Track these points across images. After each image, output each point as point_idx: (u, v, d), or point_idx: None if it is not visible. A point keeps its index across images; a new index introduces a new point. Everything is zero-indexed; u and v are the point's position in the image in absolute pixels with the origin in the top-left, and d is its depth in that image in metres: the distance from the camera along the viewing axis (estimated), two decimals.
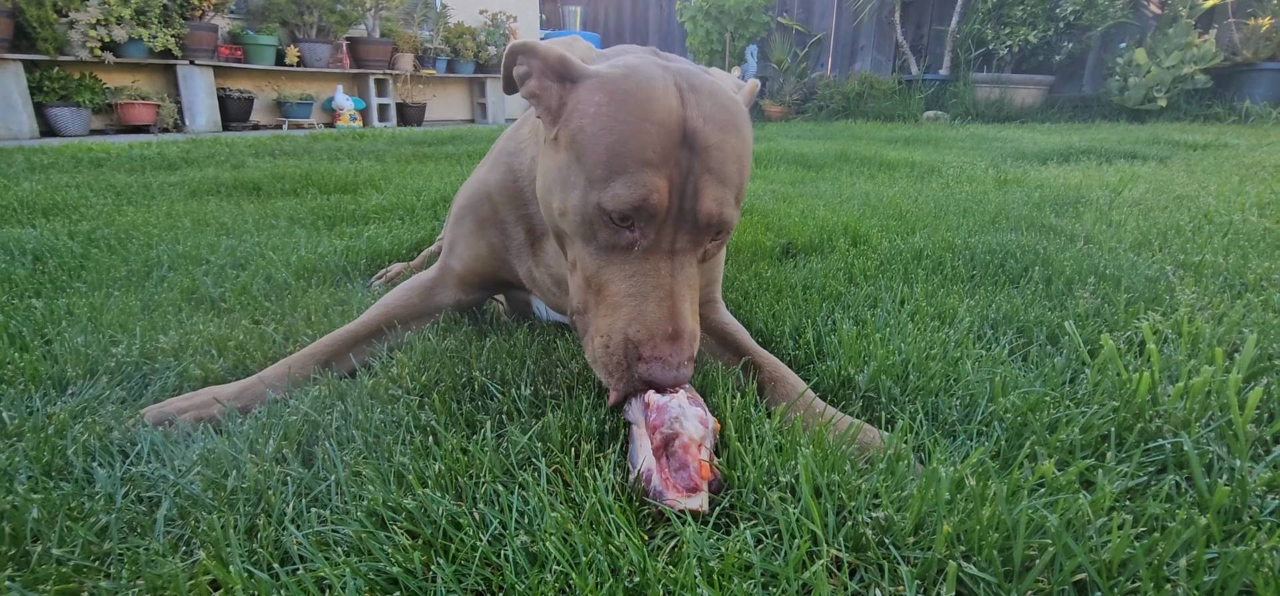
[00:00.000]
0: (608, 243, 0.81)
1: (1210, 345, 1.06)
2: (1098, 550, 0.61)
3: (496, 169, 1.16)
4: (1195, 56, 6.13)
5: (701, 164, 0.79)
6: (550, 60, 0.86)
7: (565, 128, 0.84)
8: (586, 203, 0.80)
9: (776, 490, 0.72)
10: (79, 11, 5.55)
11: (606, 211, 0.78)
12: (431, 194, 2.68)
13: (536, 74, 0.89)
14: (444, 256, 1.25)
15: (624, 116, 0.78)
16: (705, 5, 8.81)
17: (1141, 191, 2.61)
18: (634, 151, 0.77)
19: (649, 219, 0.79)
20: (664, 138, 0.78)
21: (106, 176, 3.11)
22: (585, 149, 0.80)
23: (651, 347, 0.77)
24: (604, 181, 0.78)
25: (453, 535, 0.66)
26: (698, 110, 0.80)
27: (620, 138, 0.78)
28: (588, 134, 0.80)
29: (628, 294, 0.80)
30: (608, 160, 0.78)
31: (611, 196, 0.77)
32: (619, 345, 0.79)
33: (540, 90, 0.89)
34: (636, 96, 0.79)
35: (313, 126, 7.29)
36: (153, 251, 1.76)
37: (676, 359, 0.77)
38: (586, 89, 0.83)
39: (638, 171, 0.77)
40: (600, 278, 0.83)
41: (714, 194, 0.80)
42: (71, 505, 0.73)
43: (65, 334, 1.21)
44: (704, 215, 0.80)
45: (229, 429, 0.89)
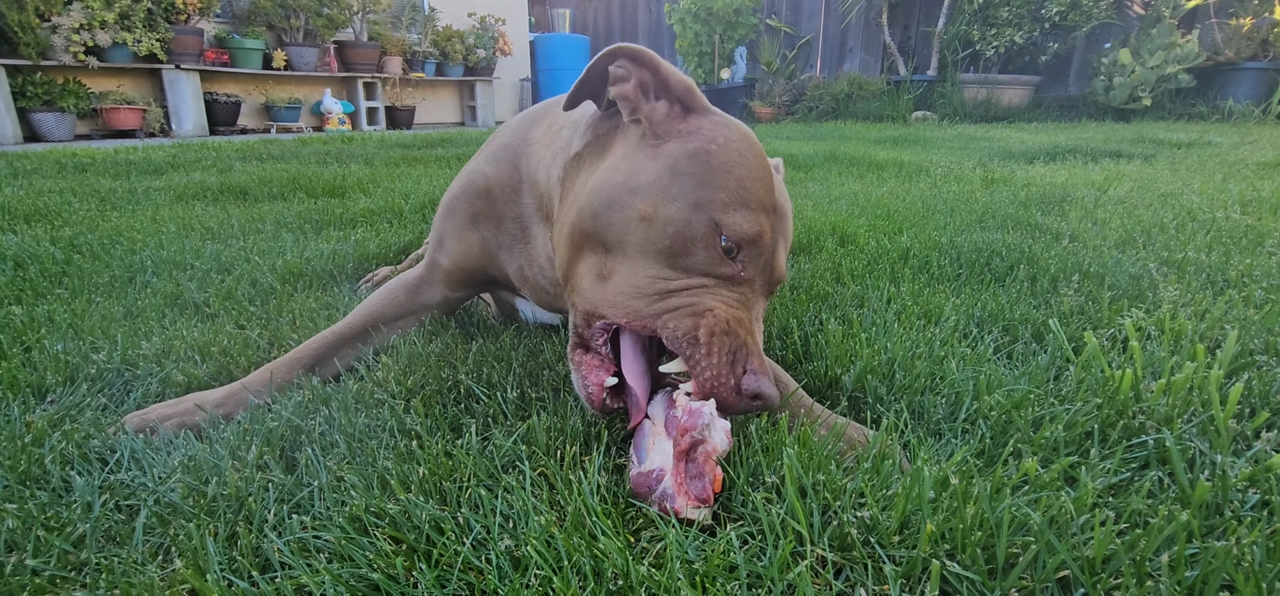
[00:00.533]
0: (702, 265, 0.80)
1: (1192, 342, 1.06)
2: (1080, 547, 0.61)
3: (499, 163, 1.14)
4: (1178, 56, 6.19)
5: (780, 227, 0.89)
6: (671, 81, 0.88)
7: (681, 144, 0.84)
8: (696, 217, 0.79)
9: (762, 491, 0.72)
10: (61, 16, 5.49)
11: (722, 231, 0.79)
12: (420, 197, 2.66)
13: (636, 82, 0.89)
14: (431, 252, 1.22)
15: (751, 160, 0.84)
16: (694, 7, 8.83)
17: (1126, 189, 2.63)
18: (757, 193, 0.83)
19: (756, 255, 0.82)
20: (770, 195, 0.86)
21: (91, 181, 3.08)
22: (711, 171, 0.81)
23: (758, 362, 0.76)
24: (726, 206, 0.80)
25: (436, 540, 0.65)
26: (778, 176, 0.91)
27: (749, 176, 0.83)
28: (717, 160, 0.82)
29: (736, 301, 0.80)
30: (734, 189, 0.81)
31: (733, 222, 0.80)
32: (740, 338, 0.76)
33: (635, 97, 0.89)
34: (759, 151, 0.87)
35: (301, 130, 7.25)
36: (136, 257, 1.75)
37: (768, 379, 0.75)
38: (714, 122, 0.87)
39: (758, 211, 0.82)
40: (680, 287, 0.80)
41: (783, 255, 0.90)
42: (48, 514, 0.71)
43: (45, 341, 1.20)
44: (778, 270, 0.87)
45: (211, 435, 0.88)
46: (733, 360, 0.75)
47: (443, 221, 1.21)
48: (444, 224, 1.20)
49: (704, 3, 8.73)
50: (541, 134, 1.10)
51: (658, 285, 0.79)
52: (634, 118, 0.90)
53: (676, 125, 0.86)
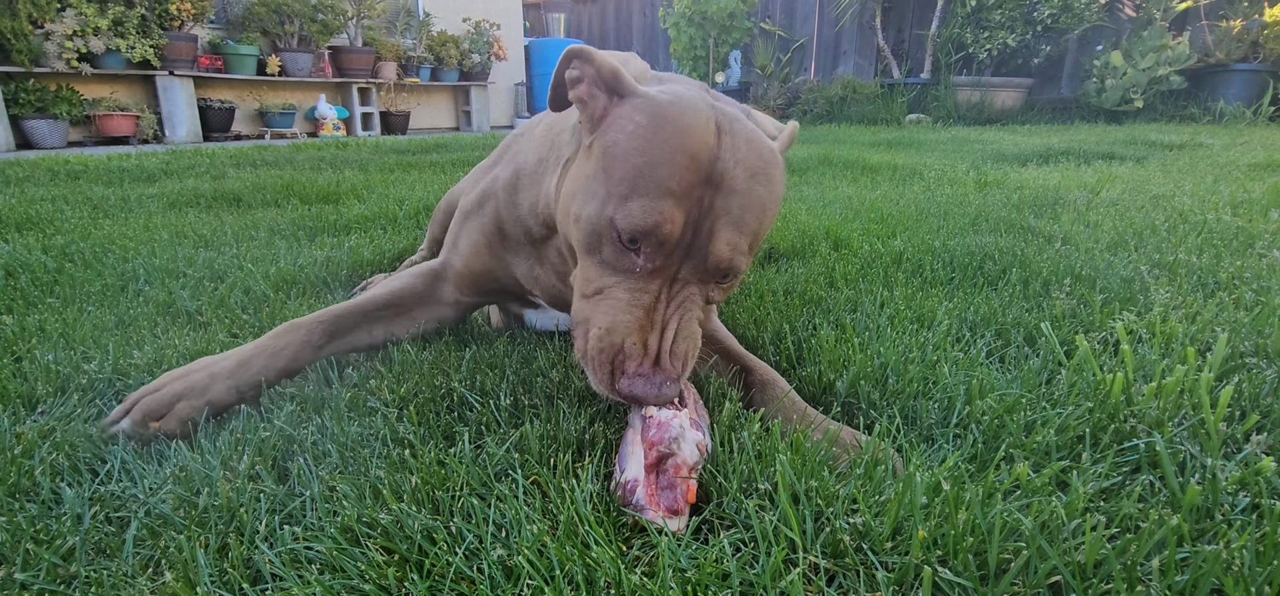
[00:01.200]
0: (612, 259, 0.81)
1: (1183, 344, 1.07)
2: (1072, 552, 0.62)
3: (505, 166, 1.17)
4: (1170, 58, 6.24)
5: (722, 205, 0.80)
6: (603, 71, 0.87)
7: (601, 138, 0.84)
8: (600, 215, 0.80)
9: (755, 498, 0.72)
10: (54, 22, 5.47)
11: (617, 228, 0.78)
12: (414, 202, 2.66)
13: (588, 81, 0.89)
14: (446, 252, 1.23)
15: (657, 141, 0.79)
16: (688, 11, 8.85)
17: (1119, 192, 2.64)
18: (659, 178, 0.77)
19: (656, 247, 0.78)
20: (691, 171, 0.78)
21: (83, 189, 3.06)
22: (614, 163, 0.81)
23: (636, 363, 0.77)
24: (623, 199, 0.78)
25: (428, 550, 0.65)
26: (732, 152, 0.80)
27: (649, 161, 0.78)
28: (619, 149, 0.81)
29: (621, 302, 0.80)
30: (631, 179, 0.78)
31: (625, 215, 0.77)
32: (610, 347, 0.78)
33: (588, 97, 0.89)
34: (675, 124, 0.80)
35: (295, 136, 7.24)
36: (129, 265, 1.74)
37: (659, 378, 0.76)
38: (630, 106, 0.84)
39: (657, 198, 0.77)
40: (599, 284, 0.82)
41: (727, 238, 0.80)
42: (37, 527, 0.71)
43: (36, 351, 1.19)
44: (714, 257, 0.80)
45: (202, 444, 0.88)
46: (612, 367, 0.77)
47: (460, 223, 1.21)
48: (460, 226, 1.21)
49: (699, 7, 8.75)
50: (542, 133, 1.11)
51: (588, 288, 0.83)
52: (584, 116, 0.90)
53: (607, 116, 0.86)
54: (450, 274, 1.21)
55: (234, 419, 0.95)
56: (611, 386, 0.78)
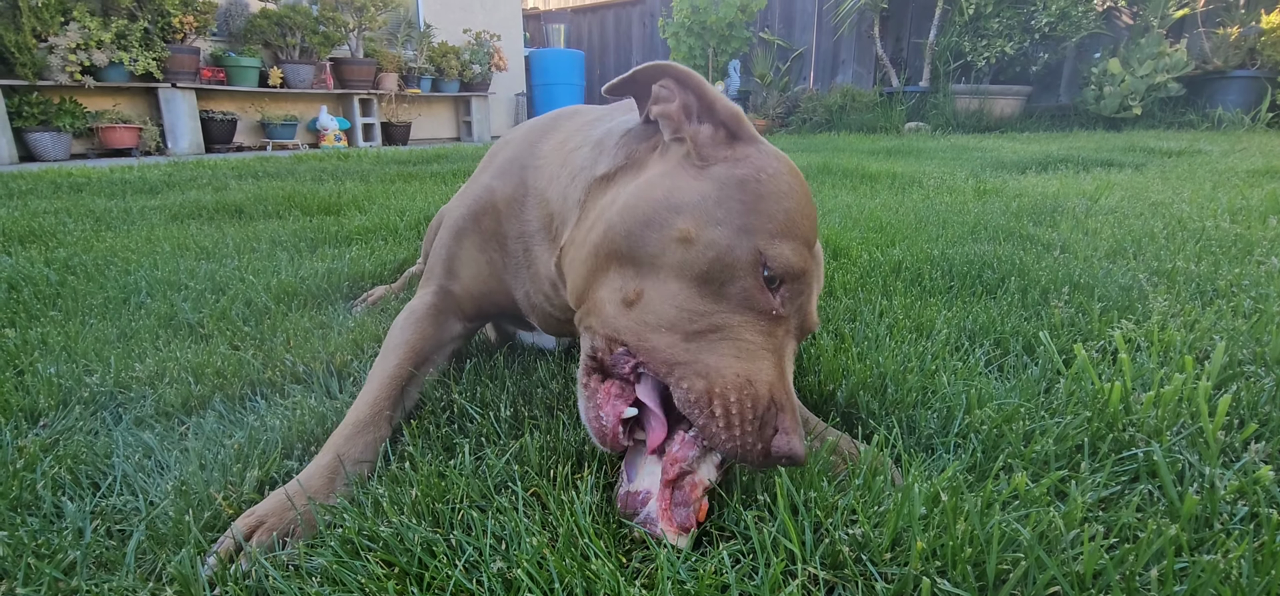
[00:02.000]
0: (740, 296, 0.75)
1: (1181, 353, 1.07)
2: (1070, 562, 0.62)
3: (506, 178, 1.08)
4: (1167, 65, 6.26)
5: (816, 272, 0.84)
6: (718, 107, 0.85)
7: (729, 171, 0.80)
8: (740, 244, 0.75)
9: (754, 509, 0.72)
10: (58, 36, 5.51)
11: (768, 262, 0.75)
12: (415, 213, 2.67)
13: (680, 103, 0.87)
14: (440, 280, 1.13)
15: (800, 195, 0.81)
16: (687, 22, 8.90)
17: (1118, 199, 2.65)
18: (804, 228, 0.79)
19: (796, 292, 0.78)
20: (814, 234, 0.83)
21: (86, 201, 3.08)
22: (758, 200, 0.78)
23: (791, 419, 0.70)
24: (773, 236, 0.76)
25: (428, 563, 0.65)
26: None
27: (798, 210, 0.79)
28: (765, 189, 0.79)
29: (766, 349, 0.74)
30: (785, 221, 0.77)
31: (779, 251, 0.75)
32: (764, 399, 0.70)
33: (681, 120, 0.86)
34: (805, 187, 0.83)
35: (297, 147, 7.27)
36: (131, 277, 1.75)
37: (800, 436, 0.70)
38: (761, 152, 0.83)
39: (803, 246, 0.78)
40: (725, 321, 0.74)
41: (815, 303, 0.84)
42: (39, 541, 0.71)
43: (39, 364, 1.20)
44: (810, 316, 0.82)
45: (204, 459, 0.88)
46: (760, 424, 0.69)
47: (452, 243, 1.12)
48: (453, 246, 1.12)
49: (698, 17, 8.80)
50: (552, 148, 1.05)
51: (685, 320, 0.74)
52: (676, 137, 0.86)
53: (723, 150, 0.83)
54: (452, 304, 1.12)
55: (239, 430, 0.95)
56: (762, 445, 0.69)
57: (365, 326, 1.39)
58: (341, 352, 1.25)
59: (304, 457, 0.90)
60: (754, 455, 0.69)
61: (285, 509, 0.74)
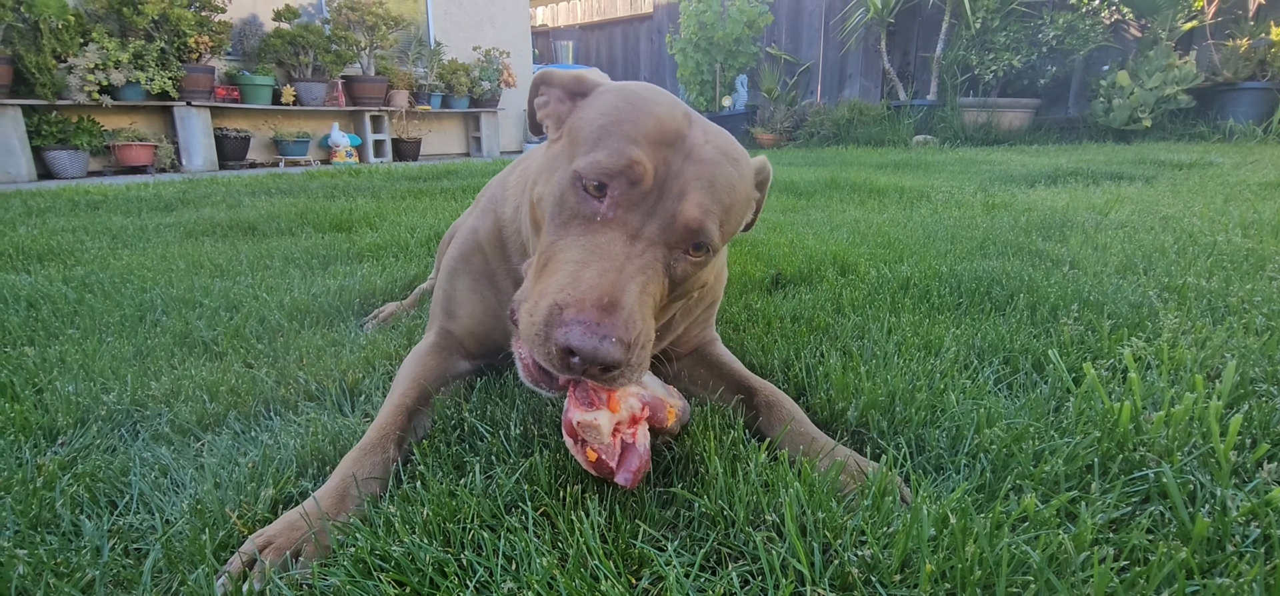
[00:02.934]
0: (573, 210, 0.78)
1: (1192, 371, 1.07)
2: (1080, 586, 0.62)
3: (486, 217, 1.13)
4: (1177, 77, 6.24)
5: (693, 170, 0.80)
6: (566, 80, 0.92)
7: (567, 127, 0.88)
8: (564, 175, 0.81)
9: (763, 530, 0.73)
10: (77, 57, 5.62)
11: (581, 176, 0.78)
12: (426, 230, 2.69)
13: (553, 99, 0.94)
14: (442, 322, 1.14)
15: (623, 105, 0.82)
16: (695, 37, 8.96)
17: (1128, 213, 2.64)
18: (625, 130, 0.79)
19: (624, 189, 0.77)
20: (658, 129, 0.80)
21: (103, 219, 3.13)
22: (580, 132, 0.83)
23: (577, 310, 0.68)
24: (588, 152, 0.79)
25: (439, 583, 0.66)
26: (702, 132, 0.84)
27: (615, 119, 0.80)
28: (586, 121, 0.83)
29: (569, 260, 0.75)
30: (597, 134, 0.80)
31: (590, 161, 0.77)
32: (544, 309, 0.71)
33: (555, 111, 0.93)
34: (641, 96, 0.84)
35: (309, 164, 7.35)
36: (147, 295, 1.77)
37: (605, 329, 0.67)
38: (598, 93, 0.88)
39: (623, 143, 0.78)
40: (552, 250, 0.78)
41: (699, 199, 0.79)
42: (58, 560, 0.72)
43: (57, 382, 1.22)
44: (685, 215, 0.78)
45: (219, 477, 0.89)
46: (545, 332, 0.70)
47: (449, 284, 1.15)
48: (449, 286, 1.14)
49: (705, 33, 8.86)
50: (516, 178, 1.10)
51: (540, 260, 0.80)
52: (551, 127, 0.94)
53: (574, 111, 0.90)
54: (454, 343, 1.14)
55: (254, 449, 0.97)
56: (552, 348, 0.69)
57: (377, 344, 1.40)
58: (353, 370, 1.27)
59: (318, 476, 0.91)
60: (551, 362, 0.71)
61: (294, 528, 0.75)
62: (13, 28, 5.28)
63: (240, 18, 7.10)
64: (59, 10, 5.42)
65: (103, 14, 5.93)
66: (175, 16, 5.98)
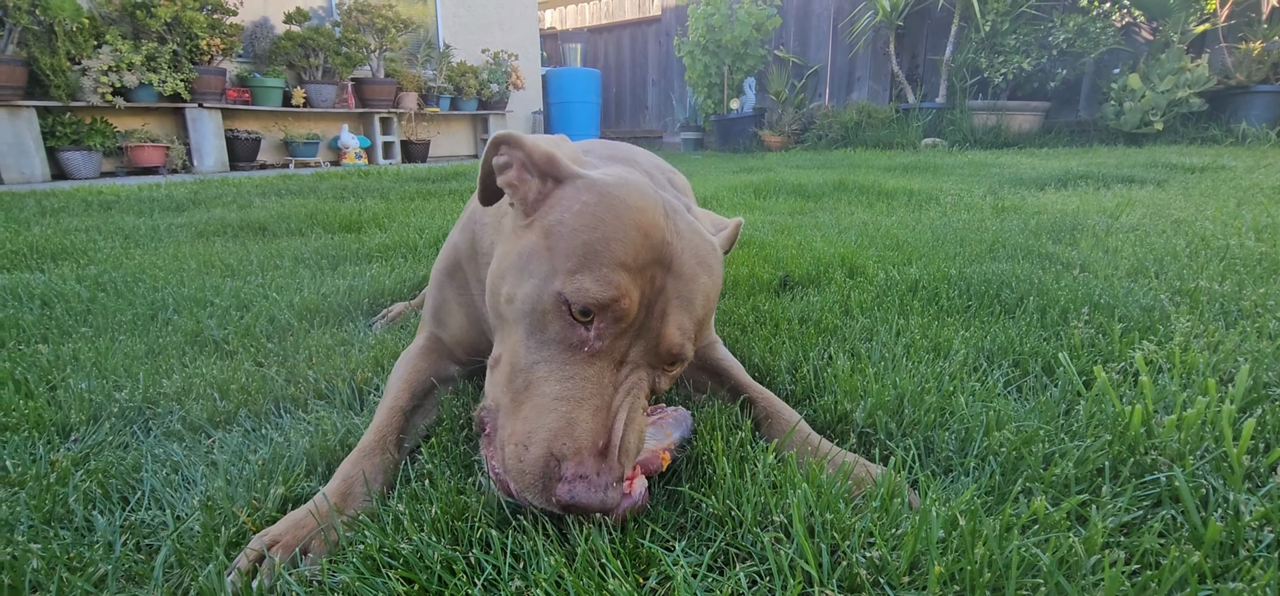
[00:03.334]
0: (556, 336, 0.75)
1: (1204, 375, 1.06)
2: (1091, 589, 0.61)
3: (464, 233, 1.13)
4: (1189, 80, 6.19)
5: (674, 287, 0.79)
6: (535, 156, 0.85)
7: (541, 220, 0.82)
8: (545, 290, 0.76)
9: (771, 531, 0.73)
10: (91, 59, 5.68)
11: (568, 302, 0.74)
12: (434, 231, 2.71)
13: (517, 166, 0.87)
14: (432, 328, 1.17)
15: (609, 217, 0.77)
16: (703, 40, 8.96)
17: (1139, 216, 2.62)
18: (613, 252, 0.75)
19: (612, 322, 0.75)
20: (645, 248, 0.77)
21: (115, 219, 3.16)
22: (560, 240, 0.77)
23: (577, 463, 0.67)
24: (571, 273, 0.74)
25: (447, 580, 0.66)
26: (679, 236, 0.81)
27: (602, 236, 0.76)
28: (566, 227, 0.78)
29: (559, 397, 0.72)
30: (582, 253, 0.75)
31: (578, 289, 0.73)
32: (539, 457, 0.69)
33: (518, 182, 0.87)
34: (625, 203, 0.79)
35: (319, 165, 7.40)
36: (159, 294, 1.79)
37: (604, 478, 0.68)
38: (574, 188, 0.82)
39: (612, 270, 0.74)
40: (533, 373, 0.75)
41: (679, 321, 0.79)
42: (71, 555, 0.73)
43: (70, 379, 1.23)
44: (666, 339, 0.78)
45: (229, 475, 0.90)
46: (543, 482, 0.68)
47: (438, 293, 1.17)
48: (438, 295, 1.17)
49: (713, 35, 8.86)
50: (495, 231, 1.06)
51: (512, 376, 0.77)
52: (513, 200, 0.88)
53: (545, 200, 0.84)
54: (443, 349, 1.16)
55: (264, 447, 0.97)
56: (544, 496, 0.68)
57: (385, 343, 1.41)
58: (362, 369, 1.27)
59: (327, 474, 0.92)
60: (547, 507, 0.69)
61: (300, 527, 0.75)
62: (28, 30, 5.34)
63: (251, 20, 7.15)
64: (74, 13, 5.48)
65: (116, 16, 5.99)
66: (188, 19, 6.03)
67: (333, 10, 7.84)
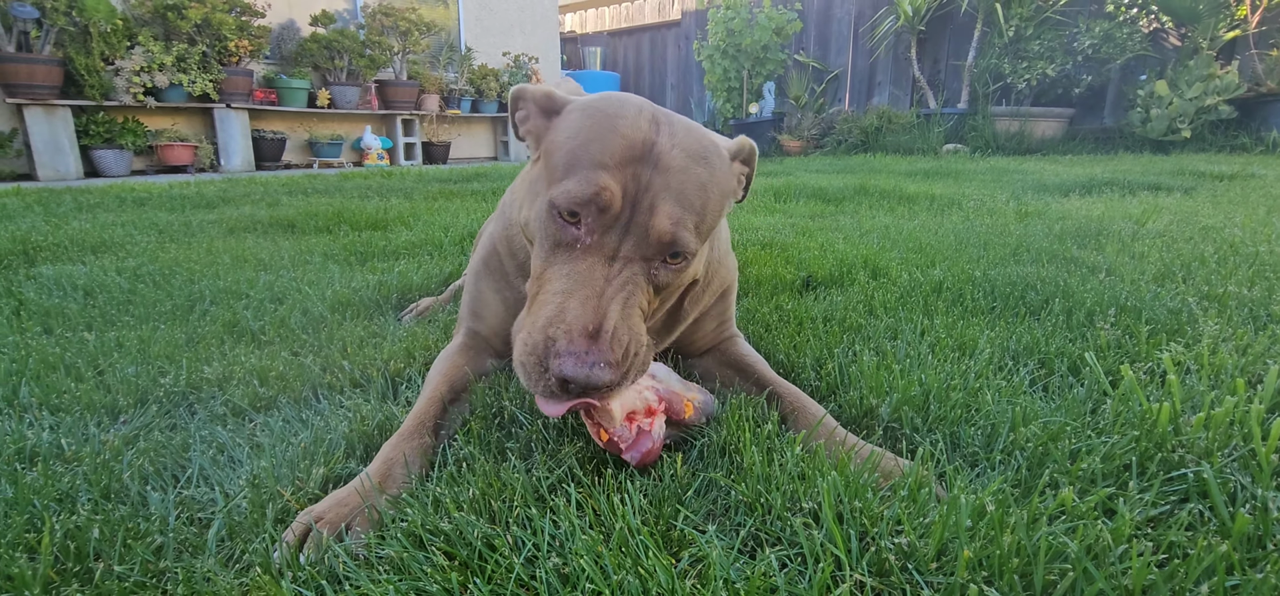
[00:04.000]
0: (555, 239, 0.84)
1: (1232, 377, 1.06)
2: (1119, 577, 0.62)
3: (500, 219, 1.20)
4: (1218, 87, 6.09)
5: (661, 181, 0.83)
6: (537, 97, 0.95)
7: (543, 149, 0.92)
8: (541, 203, 0.86)
9: (800, 516, 0.74)
10: (124, 59, 5.82)
11: (556, 206, 0.82)
12: (458, 230, 2.75)
13: (530, 114, 0.97)
14: (469, 323, 1.21)
15: (589, 126, 0.85)
16: (722, 44, 8.97)
17: (1166, 223, 2.60)
18: (593, 154, 0.82)
19: (597, 216, 0.81)
20: (624, 148, 0.83)
21: (149, 215, 3.24)
22: (552, 156, 0.87)
23: (567, 341, 0.74)
24: (558, 180, 0.83)
25: (488, 556, 0.69)
26: (669, 138, 0.86)
27: (583, 142, 0.84)
28: (557, 145, 0.88)
29: (556, 291, 0.80)
30: (567, 161, 0.84)
31: (562, 191, 0.81)
32: (538, 343, 0.77)
33: (533, 127, 0.97)
34: (606, 113, 0.87)
35: (342, 165, 7.51)
36: (195, 286, 1.84)
37: (593, 357, 0.74)
38: (567, 112, 0.92)
39: (591, 170, 0.81)
40: (542, 279, 0.84)
41: (669, 211, 0.83)
42: (128, 527, 0.77)
43: (116, 365, 1.27)
44: (656, 229, 0.82)
45: (272, 455, 0.93)
46: (542, 365, 0.75)
47: (475, 286, 1.21)
48: (476, 288, 1.21)
49: (732, 39, 8.87)
50: (521, 183, 1.12)
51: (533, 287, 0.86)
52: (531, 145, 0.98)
53: (548, 131, 0.93)
54: (481, 342, 1.20)
55: (305, 431, 1.01)
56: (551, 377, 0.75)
57: (416, 336, 1.44)
58: (395, 360, 1.31)
59: (365, 458, 0.95)
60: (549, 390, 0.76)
61: (343, 505, 0.78)
62: (65, 31, 5.49)
63: (278, 22, 7.29)
64: (108, 14, 5.62)
65: (149, 18, 6.14)
66: (217, 21, 6.16)
67: (357, 13, 7.96)
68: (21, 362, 1.26)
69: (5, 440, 0.97)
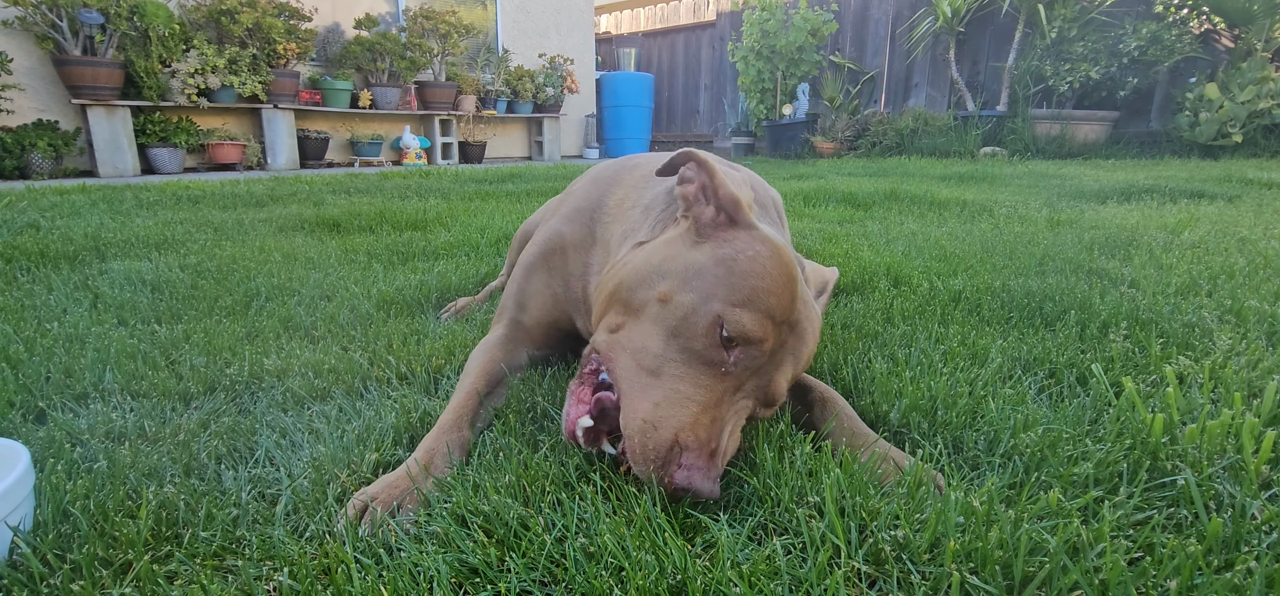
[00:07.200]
0: (698, 350, 0.87)
1: (1231, 391, 1.09)
2: (1093, 571, 0.68)
3: (575, 224, 1.28)
4: (1272, 91, 5.90)
5: (792, 345, 0.94)
6: (722, 194, 0.98)
7: (716, 248, 0.95)
8: (704, 307, 0.88)
9: (805, 508, 0.81)
10: (179, 62, 6.11)
11: (726, 327, 0.86)
12: (495, 232, 2.86)
13: (699, 186, 1.02)
14: (512, 314, 1.30)
15: (774, 274, 0.91)
16: (757, 46, 8.98)
17: (1202, 233, 2.57)
18: (769, 303, 0.89)
19: (748, 357, 0.88)
20: (788, 309, 0.92)
21: (203, 213, 3.43)
22: (731, 273, 0.90)
23: (697, 455, 0.81)
24: (734, 304, 0.88)
25: (522, 535, 0.77)
26: (804, 304, 0.96)
27: (765, 287, 0.90)
28: (739, 267, 0.91)
29: (691, 398, 0.85)
30: (748, 294, 0.89)
31: (737, 321, 0.87)
32: (667, 440, 0.82)
33: (694, 200, 1.02)
34: (787, 271, 0.93)
35: (382, 164, 7.74)
36: (251, 283, 1.98)
37: (712, 472, 0.81)
38: (751, 236, 0.95)
39: (764, 316, 0.89)
40: (666, 366, 0.88)
41: (789, 372, 0.94)
42: (209, 499, 0.87)
43: (185, 355, 1.40)
44: (775, 385, 0.92)
45: (329, 440, 1.03)
46: (663, 462, 0.81)
47: (524, 279, 1.30)
48: (525, 282, 1.30)
49: (767, 41, 8.87)
50: (615, 203, 1.24)
51: (642, 355, 0.89)
52: (687, 213, 1.02)
53: (718, 231, 0.97)
54: (522, 334, 1.29)
55: (357, 420, 1.11)
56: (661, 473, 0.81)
57: (455, 334, 1.54)
58: (436, 356, 1.41)
59: (412, 446, 1.04)
60: (658, 483, 0.81)
61: (393, 487, 0.88)
62: (126, 35, 5.79)
63: (324, 26, 7.55)
64: (166, 19, 5.91)
65: (203, 22, 6.43)
66: (267, 26, 6.42)
67: (399, 16, 8.19)
68: (104, 352, 1.39)
69: (98, 422, 1.09)
